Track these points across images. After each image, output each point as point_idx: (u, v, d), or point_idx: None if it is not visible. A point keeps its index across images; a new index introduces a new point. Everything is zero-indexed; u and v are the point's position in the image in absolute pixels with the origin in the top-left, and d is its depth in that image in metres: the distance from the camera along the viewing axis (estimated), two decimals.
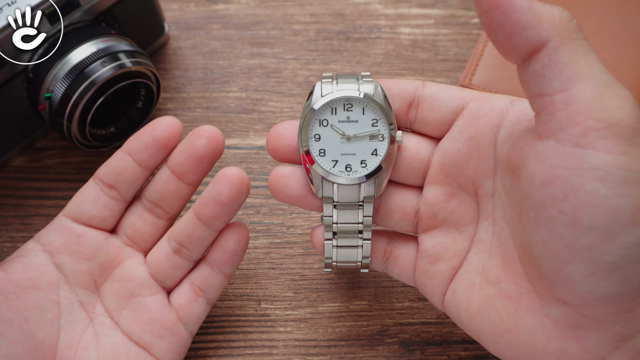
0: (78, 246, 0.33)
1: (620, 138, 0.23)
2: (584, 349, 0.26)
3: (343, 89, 0.31)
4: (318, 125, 0.32)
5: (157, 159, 0.33)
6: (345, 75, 0.32)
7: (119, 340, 0.33)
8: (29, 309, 0.32)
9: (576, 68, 0.24)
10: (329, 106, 0.31)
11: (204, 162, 0.33)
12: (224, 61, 0.45)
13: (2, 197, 0.41)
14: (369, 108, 0.31)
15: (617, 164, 0.23)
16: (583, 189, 0.23)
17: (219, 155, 0.33)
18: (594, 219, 0.23)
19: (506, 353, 0.29)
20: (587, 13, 0.44)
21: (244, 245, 0.34)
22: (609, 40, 0.43)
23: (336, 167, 0.32)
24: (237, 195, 0.33)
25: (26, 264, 0.33)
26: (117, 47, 0.37)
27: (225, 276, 0.34)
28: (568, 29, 0.24)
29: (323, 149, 0.32)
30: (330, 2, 0.47)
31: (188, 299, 0.34)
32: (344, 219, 0.32)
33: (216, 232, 0.34)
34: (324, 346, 0.37)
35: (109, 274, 0.34)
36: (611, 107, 0.23)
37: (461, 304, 0.30)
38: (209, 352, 0.37)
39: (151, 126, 0.33)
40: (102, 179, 0.34)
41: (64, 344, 0.32)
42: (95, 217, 0.34)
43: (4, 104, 0.38)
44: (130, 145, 0.33)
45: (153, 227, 0.34)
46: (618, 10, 0.44)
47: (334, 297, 0.38)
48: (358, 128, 0.31)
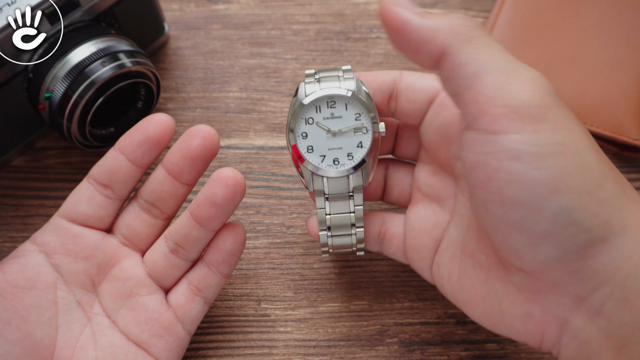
0: (74, 246, 0.33)
1: (527, 118, 0.25)
2: (546, 310, 0.28)
3: (326, 88, 0.33)
4: (304, 124, 0.33)
5: (150, 156, 0.33)
6: (327, 72, 0.34)
7: (116, 340, 0.33)
8: (27, 308, 0.32)
9: (477, 65, 0.26)
10: (313, 105, 0.33)
11: (199, 161, 0.33)
12: (224, 61, 0.45)
13: (2, 197, 0.41)
14: (352, 103, 0.33)
15: (528, 141, 0.25)
16: (502, 169, 0.26)
17: (214, 154, 0.33)
18: (517, 194, 0.26)
19: (484, 320, 0.31)
20: (587, 13, 0.44)
21: (241, 245, 0.34)
22: (609, 40, 0.43)
23: (324, 161, 0.33)
24: (232, 197, 0.33)
25: (23, 264, 0.33)
26: (117, 47, 0.37)
27: (222, 276, 0.34)
28: (462, 33, 0.27)
29: (311, 145, 0.33)
30: (330, 2, 0.47)
31: (185, 299, 0.34)
32: (336, 210, 0.34)
33: (213, 232, 0.34)
34: (324, 346, 0.37)
35: (106, 273, 0.34)
36: (514, 92, 0.26)
37: (444, 275, 0.33)
38: (209, 352, 0.37)
39: (143, 124, 0.33)
40: (96, 179, 0.34)
41: (62, 344, 0.32)
42: (91, 216, 0.34)
43: (4, 104, 0.38)
44: (123, 143, 0.33)
45: (149, 227, 0.34)
46: (618, 10, 0.44)
47: (334, 297, 0.38)
48: (342, 123, 0.33)
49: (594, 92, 0.41)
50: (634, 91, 0.41)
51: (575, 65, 0.42)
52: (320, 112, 0.33)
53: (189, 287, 0.34)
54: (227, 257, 0.34)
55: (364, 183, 0.34)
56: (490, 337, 0.37)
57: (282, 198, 0.41)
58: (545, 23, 0.44)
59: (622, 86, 0.42)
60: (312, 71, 0.34)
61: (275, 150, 0.43)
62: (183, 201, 0.35)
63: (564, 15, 0.44)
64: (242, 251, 0.35)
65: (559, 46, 0.43)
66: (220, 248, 0.34)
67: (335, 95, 0.33)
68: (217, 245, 0.34)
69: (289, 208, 0.41)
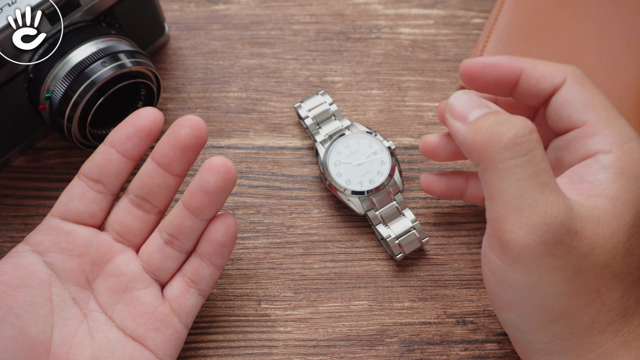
0: (67, 244, 0.33)
1: (507, 255, 0.29)
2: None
3: (331, 131, 0.41)
4: (335, 166, 0.39)
5: (140, 148, 0.34)
6: (317, 109, 0.41)
7: (113, 335, 0.33)
8: (20, 306, 0.32)
9: (490, 190, 0.30)
10: (332, 150, 0.40)
11: (189, 151, 0.33)
12: (224, 61, 0.46)
13: (3, 197, 0.41)
14: (358, 136, 0.40)
15: (499, 268, 0.30)
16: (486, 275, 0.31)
17: (203, 143, 0.33)
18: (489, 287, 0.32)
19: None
20: (587, 13, 0.44)
21: (232, 236, 0.34)
22: (609, 40, 0.43)
23: (363, 185, 0.39)
24: (223, 184, 0.33)
25: (16, 263, 0.33)
26: (117, 47, 0.37)
27: (215, 267, 0.34)
28: (491, 155, 0.29)
29: (348, 179, 0.39)
30: (330, 2, 0.47)
31: (180, 291, 0.34)
32: (399, 230, 0.38)
33: (206, 222, 0.34)
34: (324, 346, 0.37)
35: (100, 269, 0.34)
36: (507, 232, 0.29)
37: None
38: (209, 352, 0.37)
39: (132, 117, 0.34)
40: (87, 175, 0.34)
41: (58, 340, 0.32)
42: (83, 213, 0.34)
43: (5, 104, 0.38)
44: (113, 137, 0.34)
45: (142, 222, 0.34)
46: (618, 10, 0.44)
47: (334, 297, 0.38)
48: (361, 154, 0.39)
49: None
50: (634, 91, 0.41)
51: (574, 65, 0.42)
52: (341, 153, 0.40)
53: (183, 279, 0.34)
54: (219, 248, 0.34)
55: (401, 188, 0.39)
56: (490, 337, 0.37)
57: (282, 198, 0.41)
58: (545, 23, 0.44)
59: (622, 86, 0.42)
60: (305, 114, 0.41)
61: (275, 150, 0.43)
62: (174, 194, 0.35)
63: (564, 15, 0.44)
64: (234, 242, 0.35)
65: (559, 46, 0.43)
66: (212, 239, 0.34)
67: (344, 136, 0.40)
68: (209, 236, 0.34)
69: (289, 208, 0.41)
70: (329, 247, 0.40)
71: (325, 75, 0.45)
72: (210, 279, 0.35)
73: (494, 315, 0.38)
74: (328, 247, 0.40)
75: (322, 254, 0.40)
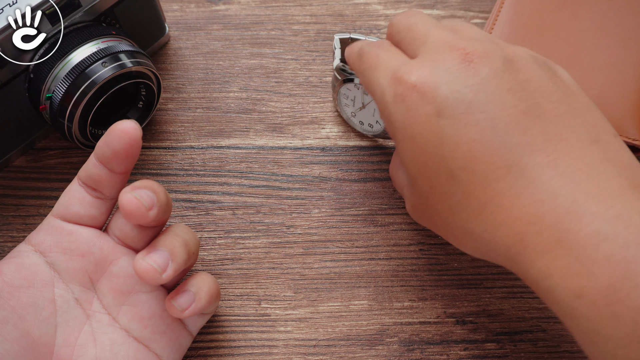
0: (70, 244, 0.33)
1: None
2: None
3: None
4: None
5: (126, 166, 0.33)
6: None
7: (117, 337, 0.33)
8: (24, 307, 0.32)
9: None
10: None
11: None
12: (224, 61, 0.46)
13: (3, 197, 0.41)
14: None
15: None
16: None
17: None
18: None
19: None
20: (587, 13, 0.44)
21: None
22: (609, 40, 0.43)
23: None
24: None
25: (18, 264, 0.33)
26: (117, 48, 0.37)
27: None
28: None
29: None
30: (330, 3, 0.47)
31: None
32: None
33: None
34: (324, 346, 0.37)
35: (104, 270, 0.34)
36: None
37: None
38: (209, 352, 0.37)
39: (109, 137, 0.32)
40: (84, 182, 0.34)
41: (61, 342, 0.32)
42: (84, 216, 0.34)
43: (5, 104, 0.38)
44: (100, 152, 0.33)
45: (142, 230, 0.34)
46: (618, 10, 0.44)
47: (334, 297, 0.38)
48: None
49: (593, 92, 0.42)
50: (633, 91, 0.41)
51: (574, 65, 0.42)
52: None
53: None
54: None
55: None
56: (490, 337, 0.37)
57: (282, 198, 0.41)
58: (545, 23, 0.44)
59: (622, 86, 0.42)
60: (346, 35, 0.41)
61: (275, 150, 0.43)
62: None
63: (564, 15, 0.44)
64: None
65: (558, 46, 0.43)
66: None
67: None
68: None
69: (289, 208, 0.41)
70: (329, 247, 0.40)
71: (326, 76, 0.45)
72: (204, 284, 0.34)
73: (494, 315, 0.38)
74: (328, 247, 0.40)
75: (322, 254, 0.40)
